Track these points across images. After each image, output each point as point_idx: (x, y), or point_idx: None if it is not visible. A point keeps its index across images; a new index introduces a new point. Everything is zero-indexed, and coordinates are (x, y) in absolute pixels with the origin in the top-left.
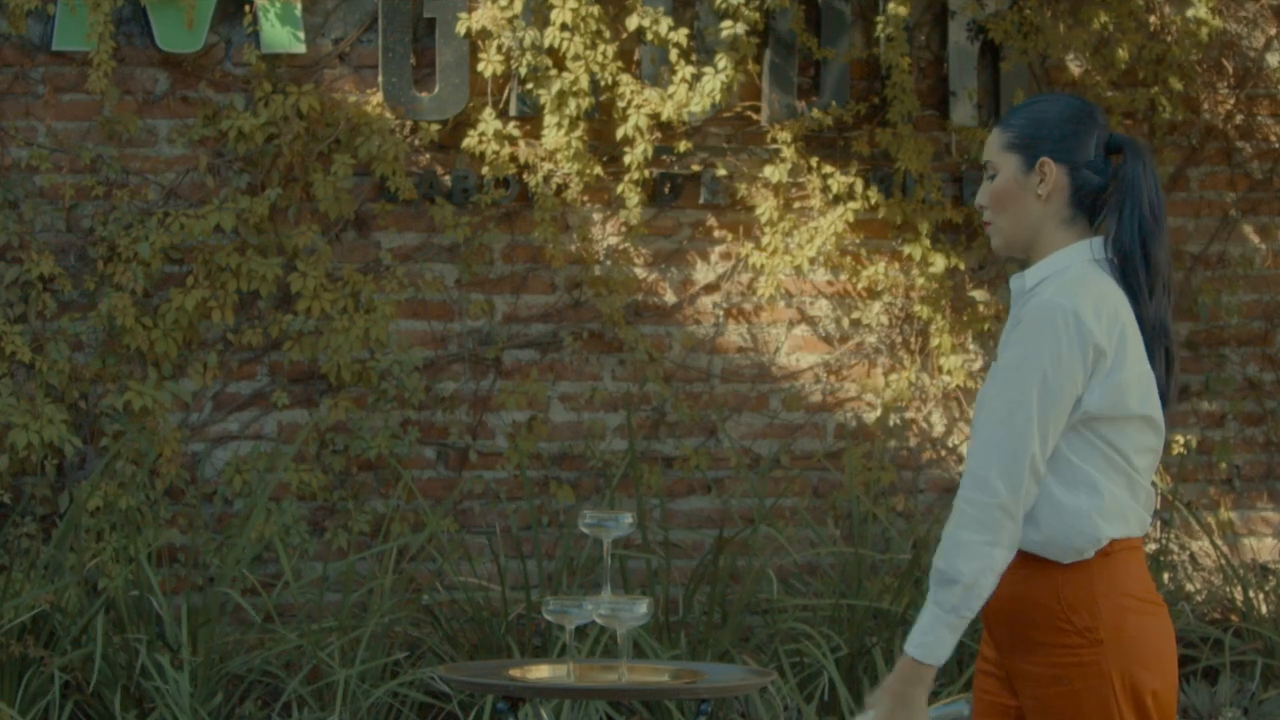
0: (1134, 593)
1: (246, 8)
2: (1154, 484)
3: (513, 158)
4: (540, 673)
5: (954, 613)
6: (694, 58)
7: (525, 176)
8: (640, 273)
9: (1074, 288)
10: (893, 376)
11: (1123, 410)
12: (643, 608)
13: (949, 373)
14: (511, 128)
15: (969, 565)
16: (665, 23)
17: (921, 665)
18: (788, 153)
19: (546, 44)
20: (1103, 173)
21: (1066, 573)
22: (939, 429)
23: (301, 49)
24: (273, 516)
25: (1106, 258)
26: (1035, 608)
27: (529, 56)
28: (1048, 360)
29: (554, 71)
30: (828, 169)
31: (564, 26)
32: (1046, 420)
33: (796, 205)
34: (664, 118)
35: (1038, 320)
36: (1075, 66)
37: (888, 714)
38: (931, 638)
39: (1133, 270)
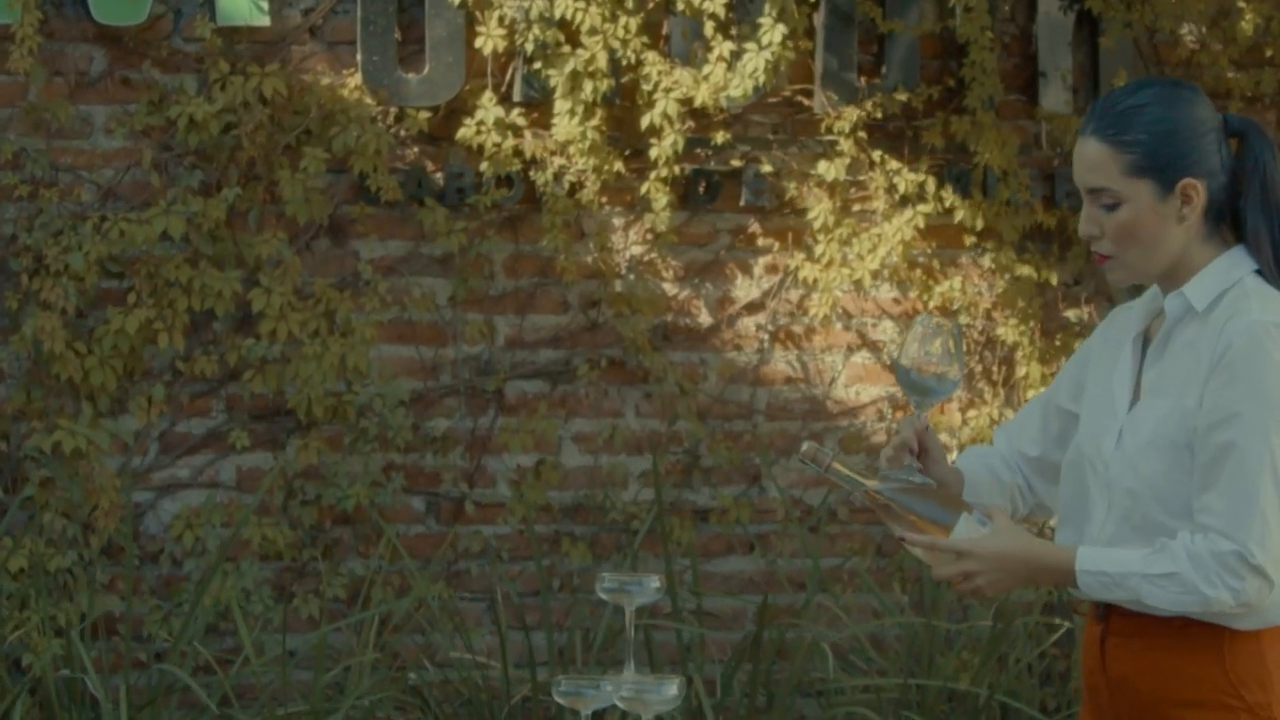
0: None
1: None
2: None
3: (517, 151)
4: None
5: (1155, 590)
6: (733, 32)
7: (532, 174)
8: (669, 289)
9: (1265, 301)
10: (971, 413)
11: None
12: (672, 689)
13: None
14: (516, 115)
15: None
16: None
17: (1072, 574)
18: (846, 145)
19: (557, 15)
20: (1228, 169)
21: (1235, 640)
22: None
23: (265, 21)
24: (230, 580)
25: (1259, 267)
26: (1196, 683)
27: (536, 30)
28: None
29: (566, 48)
30: (894, 164)
31: None
32: None
33: (856, 208)
34: (698, 103)
35: (1253, 348)
36: (1189, 41)
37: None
38: (1107, 575)
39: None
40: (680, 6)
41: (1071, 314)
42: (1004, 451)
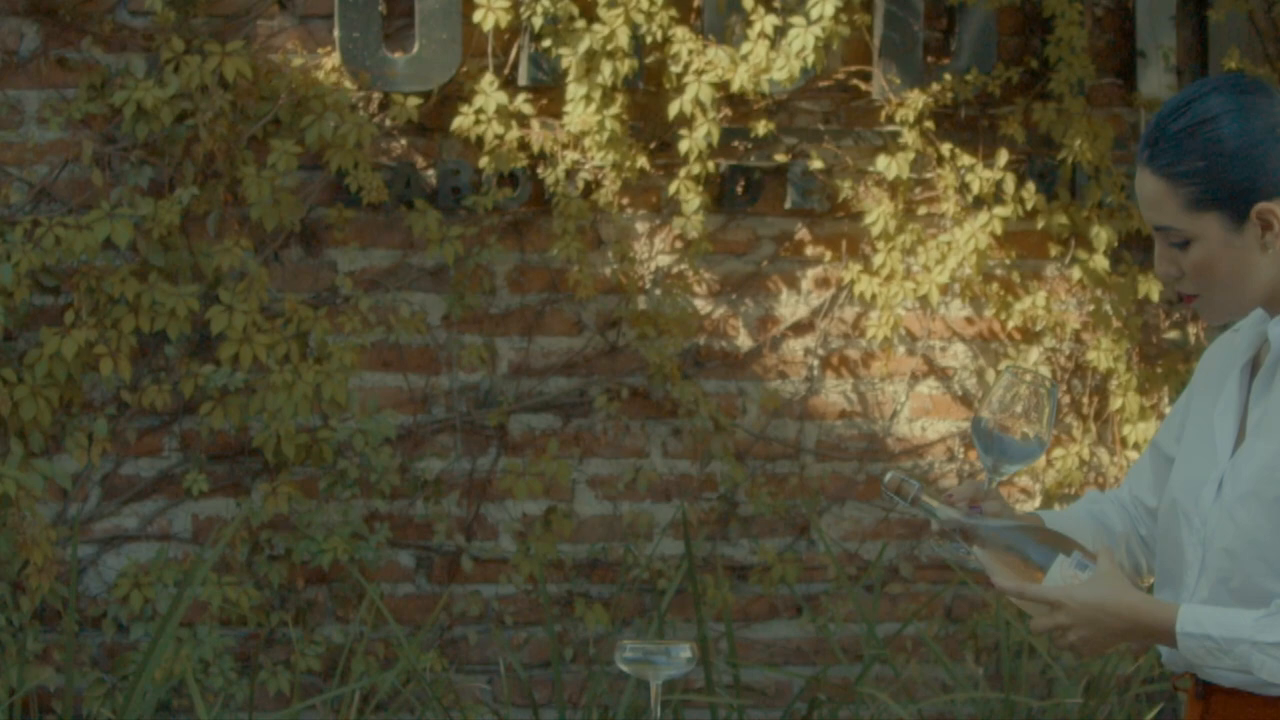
0: None
1: None
2: None
3: (523, 144)
4: None
5: (1267, 660)
6: (777, 4)
7: (540, 171)
8: (702, 306)
9: None
10: (1057, 452)
11: None
12: None
13: (1136, 446)
14: (521, 102)
15: None
16: None
17: (1172, 634)
18: (910, 137)
19: None
20: None
21: None
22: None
23: None
24: (185, 649)
25: None
26: None
27: (546, 2)
28: None
29: (581, 23)
30: (966, 160)
31: None
32: None
33: (922, 211)
34: (735, 88)
35: None
36: None
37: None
38: (1212, 639)
39: None
40: None
41: (1175, 335)
42: (1125, 497)
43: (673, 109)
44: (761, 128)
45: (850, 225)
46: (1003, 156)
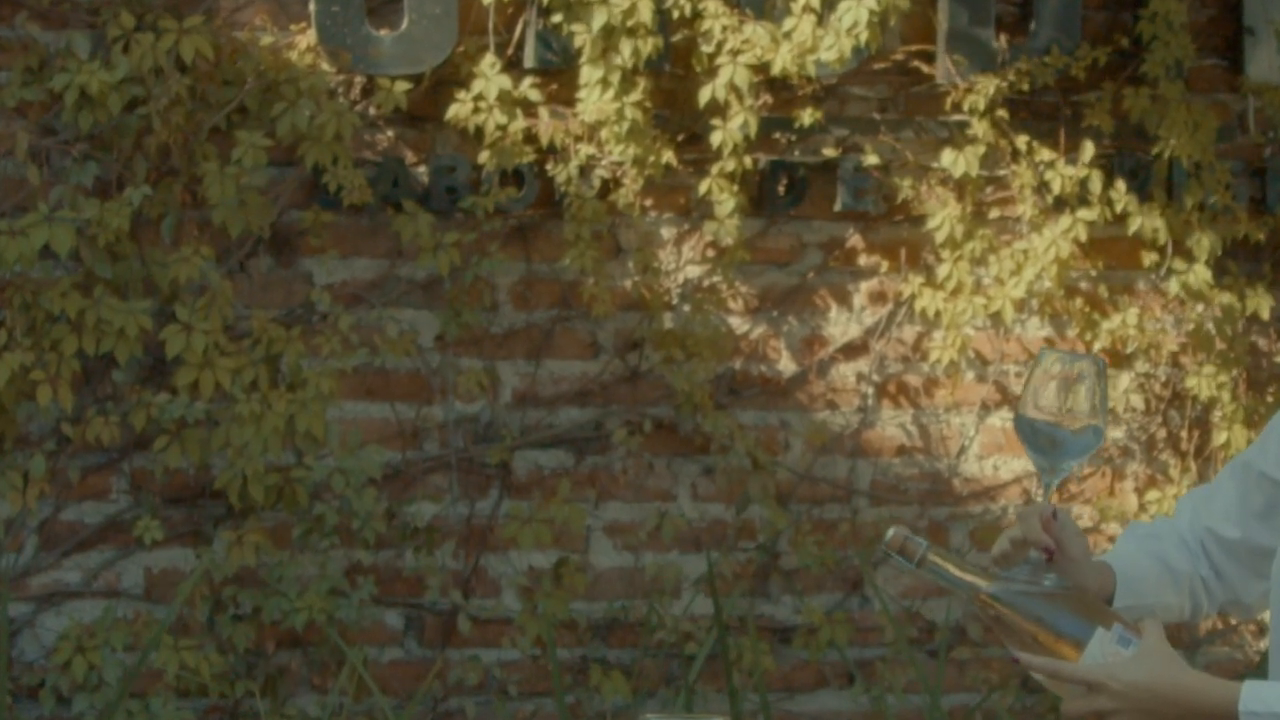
0: None
1: None
2: None
3: (529, 137)
4: None
5: None
6: None
7: (550, 167)
8: (737, 324)
9: None
10: (1152, 494)
11: None
12: None
13: None
14: (527, 87)
15: None
16: None
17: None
18: (980, 128)
19: None
20: None
21: None
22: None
23: None
24: None
25: None
26: None
27: None
28: None
29: None
30: (1045, 154)
31: None
32: None
33: (994, 214)
34: (776, 71)
35: None
36: None
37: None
38: None
39: None
40: None
41: None
42: (1185, 530)
43: (704, 95)
44: (807, 117)
45: (910, 230)
46: (1088, 150)
